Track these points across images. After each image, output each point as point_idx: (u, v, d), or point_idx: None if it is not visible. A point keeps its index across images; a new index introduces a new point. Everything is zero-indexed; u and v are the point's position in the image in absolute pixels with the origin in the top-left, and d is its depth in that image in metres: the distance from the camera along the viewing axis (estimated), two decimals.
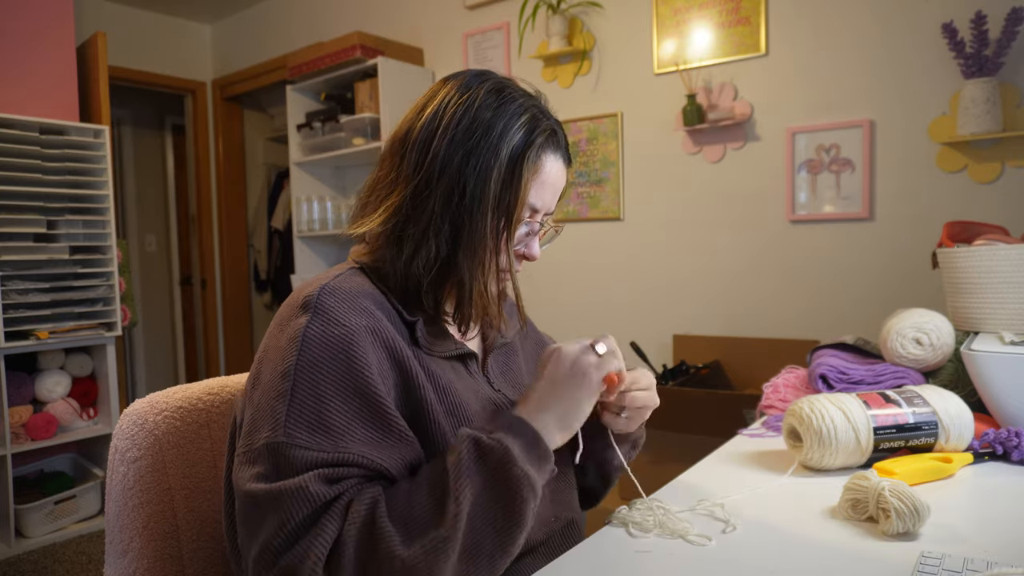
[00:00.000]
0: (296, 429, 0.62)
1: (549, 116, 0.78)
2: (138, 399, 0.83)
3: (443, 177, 0.72)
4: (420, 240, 0.72)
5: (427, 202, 0.72)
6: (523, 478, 0.62)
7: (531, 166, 0.74)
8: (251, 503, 0.61)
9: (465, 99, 0.73)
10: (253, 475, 0.62)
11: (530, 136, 0.74)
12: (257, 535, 0.60)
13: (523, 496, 0.62)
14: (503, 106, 0.73)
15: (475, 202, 0.72)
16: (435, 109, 0.74)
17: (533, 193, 0.75)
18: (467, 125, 0.72)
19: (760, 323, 2.29)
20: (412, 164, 0.73)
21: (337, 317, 0.67)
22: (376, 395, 0.65)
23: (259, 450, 0.62)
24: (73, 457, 2.90)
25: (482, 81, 0.76)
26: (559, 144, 0.78)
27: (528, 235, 0.79)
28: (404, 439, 0.66)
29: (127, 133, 4.79)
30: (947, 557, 0.66)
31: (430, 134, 0.73)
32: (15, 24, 2.64)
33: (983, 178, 1.89)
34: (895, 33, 2.00)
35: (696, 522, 0.80)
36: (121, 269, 2.84)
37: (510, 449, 0.62)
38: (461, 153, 0.72)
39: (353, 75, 3.05)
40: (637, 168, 2.53)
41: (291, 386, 0.63)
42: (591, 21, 2.61)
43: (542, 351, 0.75)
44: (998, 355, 1.02)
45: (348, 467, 0.62)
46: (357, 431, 0.63)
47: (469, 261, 0.73)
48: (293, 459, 0.61)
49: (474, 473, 0.61)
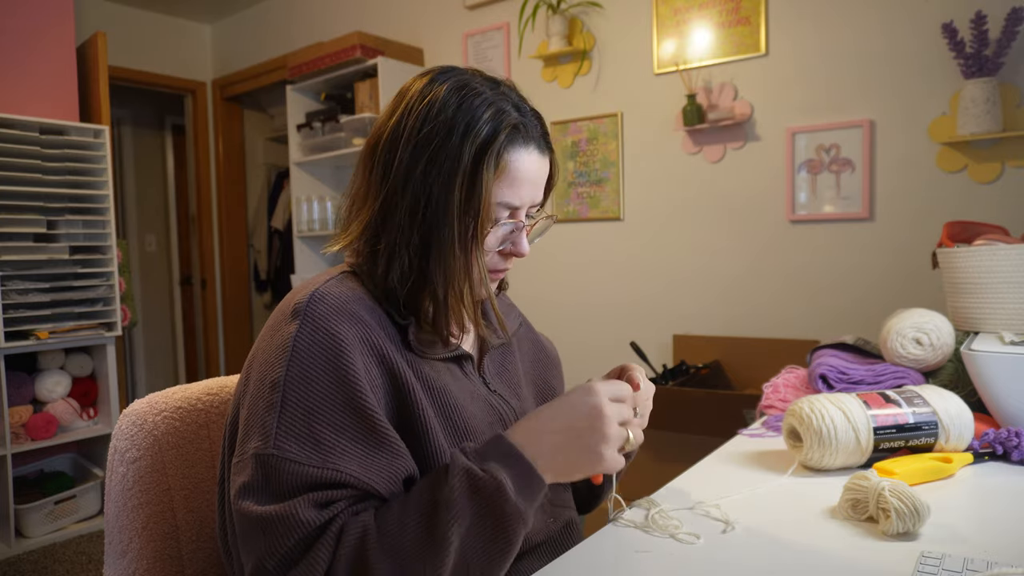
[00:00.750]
0: (286, 442, 0.61)
1: (521, 107, 0.75)
2: (137, 399, 0.83)
3: (407, 188, 0.70)
4: (392, 253, 0.71)
5: (394, 214, 0.71)
6: (514, 514, 0.61)
7: (493, 167, 0.71)
8: (244, 520, 0.61)
9: (427, 102, 0.71)
10: (243, 486, 0.62)
11: (493, 134, 0.71)
12: (250, 552, 0.61)
13: (514, 529, 0.61)
14: (464, 104, 0.71)
15: (440, 210, 0.70)
16: (401, 114, 0.73)
17: (506, 192, 0.73)
18: (428, 131, 0.70)
19: (760, 323, 2.29)
20: (379, 176, 0.72)
21: (326, 325, 0.66)
22: (365, 405, 0.64)
23: (250, 461, 0.62)
24: (73, 457, 2.90)
25: (446, 79, 0.73)
26: (529, 135, 0.74)
27: (514, 232, 0.77)
28: (394, 450, 0.65)
29: (127, 133, 4.79)
30: (947, 557, 0.66)
31: (394, 143, 0.72)
32: (15, 24, 2.64)
33: (983, 178, 1.89)
34: (895, 33, 1.99)
35: (695, 522, 0.80)
36: (121, 269, 2.84)
37: (503, 484, 0.61)
38: (424, 161, 0.70)
39: (353, 75, 3.05)
40: (637, 168, 2.53)
41: (281, 397, 0.63)
42: (591, 21, 2.61)
43: (576, 385, 0.71)
44: (998, 355, 1.02)
45: (338, 488, 0.62)
46: (347, 444, 0.63)
47: (441, 271, 0.71)
48: (283, 472, 0.61)
49: (466, 508, 0.60)
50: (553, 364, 0.98)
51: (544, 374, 0.95)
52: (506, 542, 0.61)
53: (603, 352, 2.62)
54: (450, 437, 0.72)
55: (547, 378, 0.95)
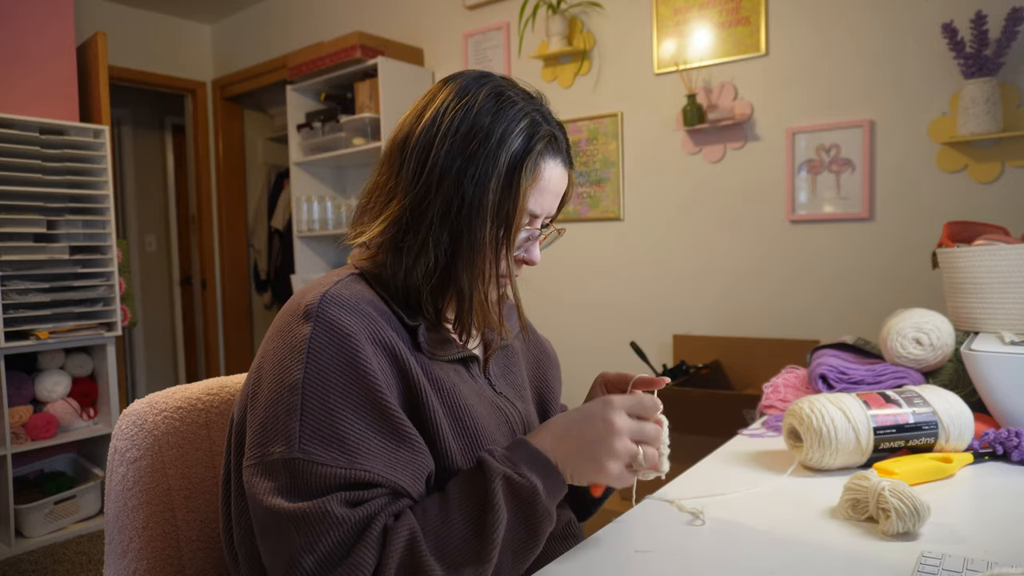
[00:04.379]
0: (311, 444, 0.61)
1: (550, 120, 0.77)
2: (137, 399, 0.83)
3: (442, 187, 0.71)
4: (419, 250, 0.72)
5: (426, 212, 0.71)
6: (545, 514, 0.65)
7: (530, 173, 0.72)
8: (272, 519, 0.61)
9: (463, 104, 0.72)
10: (271, 488, 0.61)
11: (529, 142, 0.73)
12: (280, 552, 0.60)
13: (544, 529, 0.65)
14: (502, 111, 0.72)
15: (474, 211, 0.71)
16: (433, 114, 0.73)
17: (533, 200, 0.74)
18: (465, 132, 0.71)
19: (760, 323, 2.29)
20: (411, 172, 0.72)
21: (340, 326, 0.66)
22: (386, 403, 0.65)
23: (274, 464, 0.62)
24: (73, 457, 2.90)
25: (481, 85, 0.74)
26: (559, 149, 0.77)
27: (528, 240, 0.78)
28: (416, 447, 0.66)
29: (127, 133, 4.79)
30: (947, 557, 0.66)
31: (428, 141, 0.72)
32: (15, 24, 2.64)
33: (983, 178, 1.89)
34: (895, 33, 1.99)
35: (695, 523, 0.80)
36: (121, 269, 2.84)
37: (537, 487, 0.65)
38: (460, 162, 0.71)
39: (353, 75, 3.05)
40: (637, 168, 2.53)
41: (300, 400, 0.63)
42: (591, 21, 2.61)
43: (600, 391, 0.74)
44: (998, 355, 1.02)
45: (368, 488, 0.62)
46: (371, 443, 0.63)
47: (469, 270, 0.72)
48: (311, 475, 0.61)
49: (505, 510, 0.63)
50: (553, 364, 0.99)
51: (545, 375, 0.96)
52: (536, 541, 0.65)
53: (603, 352, 2.62)
54: (460, 438, 0.72)
55: (547, 379, 0.96)
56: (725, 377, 2.27)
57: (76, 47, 2.85)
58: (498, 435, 0.76)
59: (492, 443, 0.74)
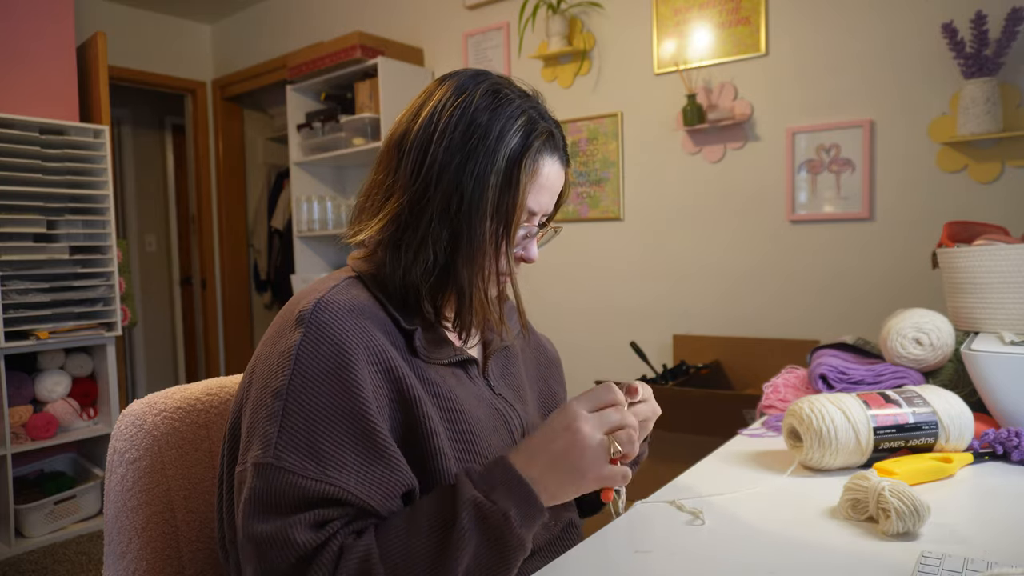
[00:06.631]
0: (285, 451, 0.61)
1: (547, 117, 0.77)
2: (137, 400, 0.83)
3: (440, 184, 0.71)
4: (418, 248, 0.71)
5: (425, 210, 0.71)
6: (518, 545, 0.62)
7: (529, 170, 0.72)
8: (243, 537, 0.61)
9: (461, 101, 0.72)
10: (244, 501, 0.62)
11: (528, 139, 0.72)
12: (247, 568, 0.61)
13: (515, 559, 0.63)
14: (499, 108, 0.72)
15: (473, 208, 0.70)
16: (430, 112, 0.73)
17: (531, 197, 0.74)
18: (463, 129, 0.71)
19: (760, 323, 2.29)
20: (409, 170, 0.72)
21: (330, 335, 0.66)
22: (368, 417, 0.64)
23: (248, 469, 0.63)
24: (73, 457, 2.90)
25: (478, 82, 0.74)
26: (556, 146, 0.77)
27: (526, 238, 0.78)
28: (393, 464, 0.65)
29: (127, 133, 4.79)
30: (947, 557, 0.66)
31: (426, 139, 0.72)
32: (15, 24, 2.64)
33: (983, 178, 1.89)
34: (895, 33, 1.99)
35: (695, 523, 0.80)
36: (121, 269, 2.84)
37: (509, 516, 0.62)
38: (458, 159, 0.70)
39: (353, 75, 3.05)
40: (637, 168, 2.53)
41: (282, 407, 0.63)
42: (591, 21, 2.61)
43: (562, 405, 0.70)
44: (998, 355, 1.02)
45: (334, 506, 0.61)
46: (346, 456, 0.63)
47: (468, 268, 0.72)
48: (280, 483, 0.60)
49: (473, 538, 0.61)
50: (553, 365, 0.98)
51: (545, 375, 0.95)
52: (507, 568, 0.62)
53: (603, 352, 2.62)
54: (455, 442, 0.71)
55: (548, 379, 0.96)
56: (725, 377, 2.27)
57: (76, 47, 2.85)
58: (495, 438, 0.76)
59: (488, 447, 0.74)
